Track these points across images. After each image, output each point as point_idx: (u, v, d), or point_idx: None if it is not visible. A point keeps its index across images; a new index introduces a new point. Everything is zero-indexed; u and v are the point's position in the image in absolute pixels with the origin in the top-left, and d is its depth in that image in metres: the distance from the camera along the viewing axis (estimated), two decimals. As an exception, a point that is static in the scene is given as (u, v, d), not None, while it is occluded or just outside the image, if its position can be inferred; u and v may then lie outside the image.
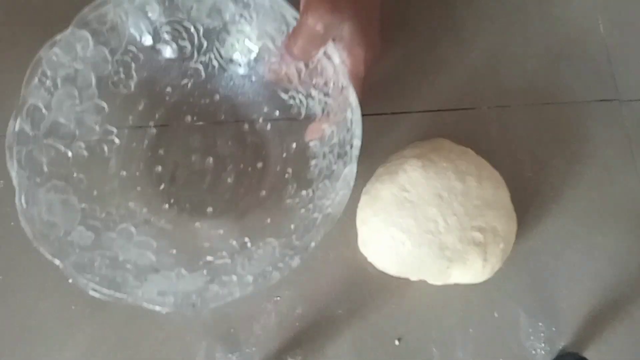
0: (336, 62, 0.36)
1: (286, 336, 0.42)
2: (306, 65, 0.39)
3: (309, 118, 0.41)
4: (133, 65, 0.42)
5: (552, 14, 0.51)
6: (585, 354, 0.42)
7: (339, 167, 0.37)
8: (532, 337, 0.43)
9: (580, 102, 0.49)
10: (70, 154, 0.39)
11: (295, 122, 0.42)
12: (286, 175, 0.42)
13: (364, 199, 0.42)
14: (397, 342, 0.42)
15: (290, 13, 0.36)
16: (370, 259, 0.42)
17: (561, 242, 0.45)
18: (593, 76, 0.50)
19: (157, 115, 0.44)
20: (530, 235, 0.45)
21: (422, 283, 0.42)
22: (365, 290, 0.43)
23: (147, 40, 0.41)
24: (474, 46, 0.50)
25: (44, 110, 0.37)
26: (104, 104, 0.41)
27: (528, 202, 0.46)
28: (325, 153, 0.40)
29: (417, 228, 0.38)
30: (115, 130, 0.42)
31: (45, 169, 0.37)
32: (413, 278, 0.42)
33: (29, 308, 0.42)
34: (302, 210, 0.39)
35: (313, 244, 0.34)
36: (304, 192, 0.40)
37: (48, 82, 0.37)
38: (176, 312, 0.41)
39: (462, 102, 0.48)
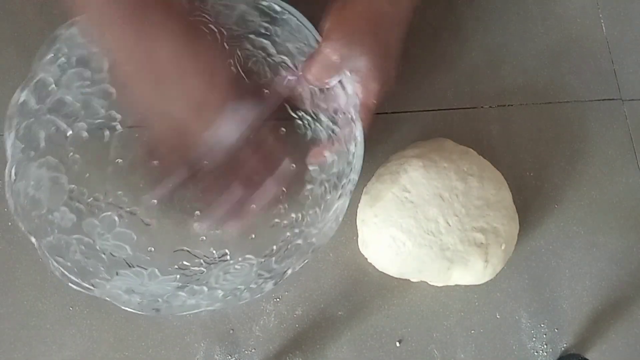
0: (349, 94, 0.36)
1: (286, 337, 0.42)
2: (321, 90, 0.39)
3: (314, 141, 0.41)
4: None
5: (553, 13, 0.51)
6: (588, 355, 0.42)
7: (333, 198, 0.37)
8: (534, 338, 0.42)
9: (581, 101, 0.49)
10: (70, 133, 0.39)
11: (299, 142, 0.42)
12: (279, 195, 0.42)
13: (364, 199, 0.41)
14: (397, 344, 0.42)
15: (314, 36, 0.36)
16: (370, 260, 0.41)
17: (563, 242, 0.45)
18: (594, 75, 0.49)
19: None
20: (532, 236, 0.45)
21: (423, 284, 0.42)
22: (365, 291, 0.43)
23: None
24: (474, 45, 0.50)
25: (52, 86, 0.37)
26: (113, 90, 0.41)
27: (529, 202, 0.45)
28: (323, 181, 0.40)
29: (418, 229, 0.38)
30: (119, 117, 0.41)
31: (42, 144, 0.37)
32: (413, 279, 0.41)
33: (28, 308, 0.42)
34: (288, 234, 0.39)
35: (290, 271, 0.34)
36: (293, 215, 0.40)
37: (62, 59, 0.37)
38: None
39: (463, 102, 0.48)
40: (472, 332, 0.42)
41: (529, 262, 0.44)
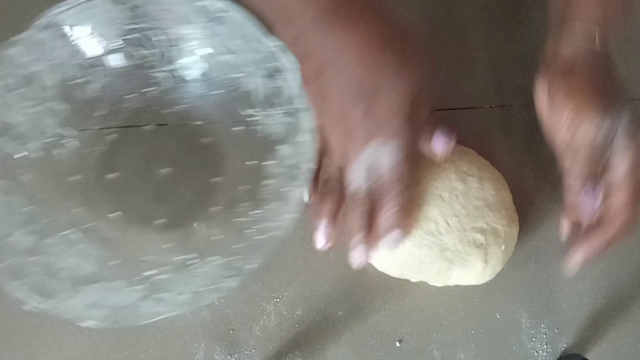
0: (292, 84, 0.36)
1: (286, 337, 0.42)
2: (269, 84, 0.39)
3: (268, 137, 0.41)
4: (96, 70, 0.41)
5: (553, 13, 0.51)
6: (588, 355, 0.42)
7: (290, 189, 0.37)
8: (534, 338, 0.42)
9: (582, 102, 0.48)
10: (21, 154, 0.38)
11: (255, 139, 0.42)
12: (241, 193, 0.42)
13: None
14: (397, 344, 0.42)
15: (255, 33, 0.36)
16: (370, 260, 0.41)
17: (563, 242, 0.45)
18: (595, 75, 0.49)
19: (116, 122, 0.43)
20: (532, 236, 0.45)
21: (423, 284, 0.42)
22: (365, 292, 0.43)
23: (112, 46, 0.41)
24: (475, 45, 0.50)
25: None
26: (63, 107, 0.40)
27: (529, 202, 0.45)
28: (280, 174, 0.39)
29: (418, 229, 0.38)
30: (72, 133, 0.41)
31: None
32: (413, 279, 0.41)
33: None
34: (250, 231, 0.38)
35: (253, 267, 0.34)
36: (255, 212, 0.40)
37: (2, 82, 0.36)
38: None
39: (463, 102, 0.48)
40: (472, 332, 0.42)
41: (529, 262, 0.44)
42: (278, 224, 0.36)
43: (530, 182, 0.46)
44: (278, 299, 0.42)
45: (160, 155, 0.43)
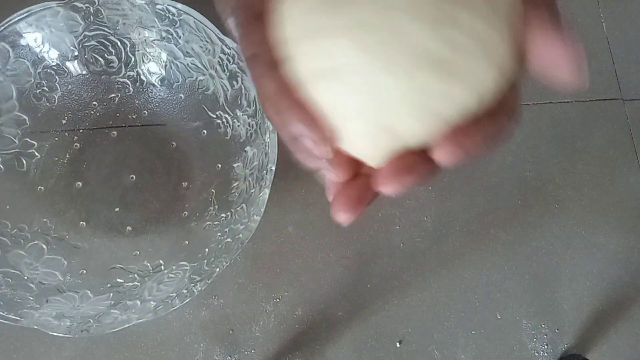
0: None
1: (286, 338, 0.42)
2: (231, 85, 0.38)
3: (235, 139, 0.41)
4: (57, 78, 0.41)
5: (553, 13, 0.51)
6: (588, 356, 0.42)
7: (256, 191, 0.36)
8: (534, 339, 0.42)
9: (582, 101, 0.48)
10: None
11: (221, 142, 0.42)
12: (209, 197, 0.41)
13: None
14: (398, 344, 0.42)
15: (215, 32, 0.36)
16: None
17: (563, 242, 0.45)
18: (596, 75, 0.49)
19: (81, 130, 0.43)
20: (532, 236, 0.45)
21: (423, 282, 0.42)
22: (365, 292, 0.43)
23: (72, 54, 0.40)
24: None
25: None
26: (25, 117, 0.40)
27: (530, 201, 0.45)
28: (247, 176, 0.39)
29: None
30: (35, 143, 0.41)
31: None
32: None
33: (27, 309, 0.41)
34: (219, 234, 0.38)
35: (218, 270, 0.33)
36: (223, 215, 0.39)
37: None
38: (174, 313, 0.41)
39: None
40: (473, 332, 0.42)
41: (529, 262, 0.44)
42: (242, 227, 0.36)
43: (530, 182, 0.46)
44: (278, 300, 0.42)
45: (126, 162, 0.43)
